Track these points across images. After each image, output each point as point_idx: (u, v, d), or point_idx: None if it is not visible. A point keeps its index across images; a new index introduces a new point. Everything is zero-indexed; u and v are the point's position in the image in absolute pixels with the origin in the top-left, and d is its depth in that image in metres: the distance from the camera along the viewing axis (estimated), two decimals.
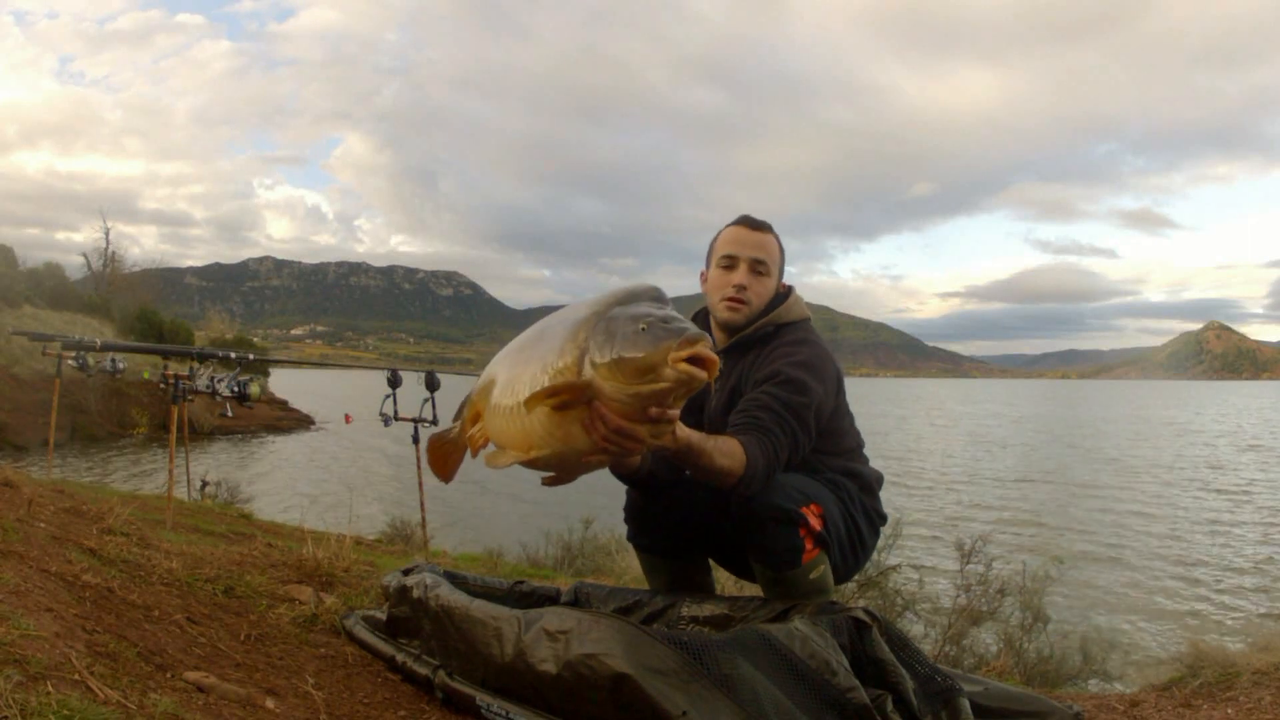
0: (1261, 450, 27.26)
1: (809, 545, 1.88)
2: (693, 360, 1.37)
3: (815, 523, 1.88)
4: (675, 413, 1.48)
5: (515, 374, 1.60)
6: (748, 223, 2.10)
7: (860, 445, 2.16)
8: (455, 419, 1.93)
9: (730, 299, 2.06)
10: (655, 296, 1.54)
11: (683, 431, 1.60)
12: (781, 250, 2.15)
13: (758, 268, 2.06)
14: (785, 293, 2.15)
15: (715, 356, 1.39)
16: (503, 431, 1.63)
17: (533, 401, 1.50)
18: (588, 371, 1.44)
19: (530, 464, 1.59)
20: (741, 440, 1.81)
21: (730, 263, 2.08)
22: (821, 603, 1.80)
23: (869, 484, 2.11)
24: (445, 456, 1.93)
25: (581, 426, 1.47)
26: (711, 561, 2.27)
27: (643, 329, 1.41)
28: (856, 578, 3.83)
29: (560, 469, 1.61)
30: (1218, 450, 27.17)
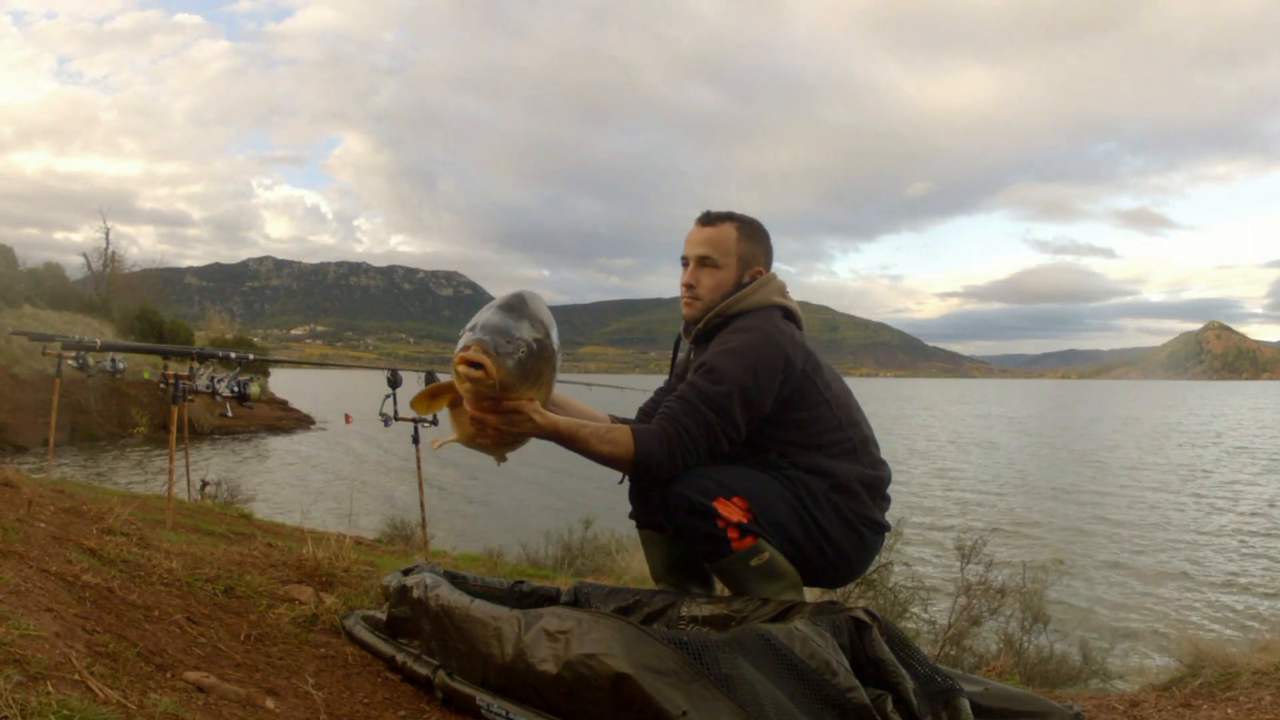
0: (1260, 451, 27.26)
1: (734, 535, 1.89)
2: (468, 362, 1.65)
3: (736, 514, 1.88)
4: (515, 404, 1.74)
5: None
6: (699, 219, 2.18)
7: (847, 441, 2.05)
8: None
9: (683, 298, 2.17)
10: (504, 305, 1.77)
11: (547, 419, 1.81)
12: (745, 237, 2.14)
13: (704, 263, 2.13)
14: (748, 280, 2.13)
15: (480, 358, 1.64)
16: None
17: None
18: None
19: (464, 444, 1.92)
20: (637, 428, 1.91)
21: (684, 262, 2.18)
22: (822, 603, 1.80)
23: (845, 484, 2.00)
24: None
25: (467, 416, 1.79)
26: None
27: (460, 335, 1.71)
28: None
29: (483, 450, 1.92)
30: (1216, 451, 27.17)
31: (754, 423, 1.99)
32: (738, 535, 1.89)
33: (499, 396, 1.72)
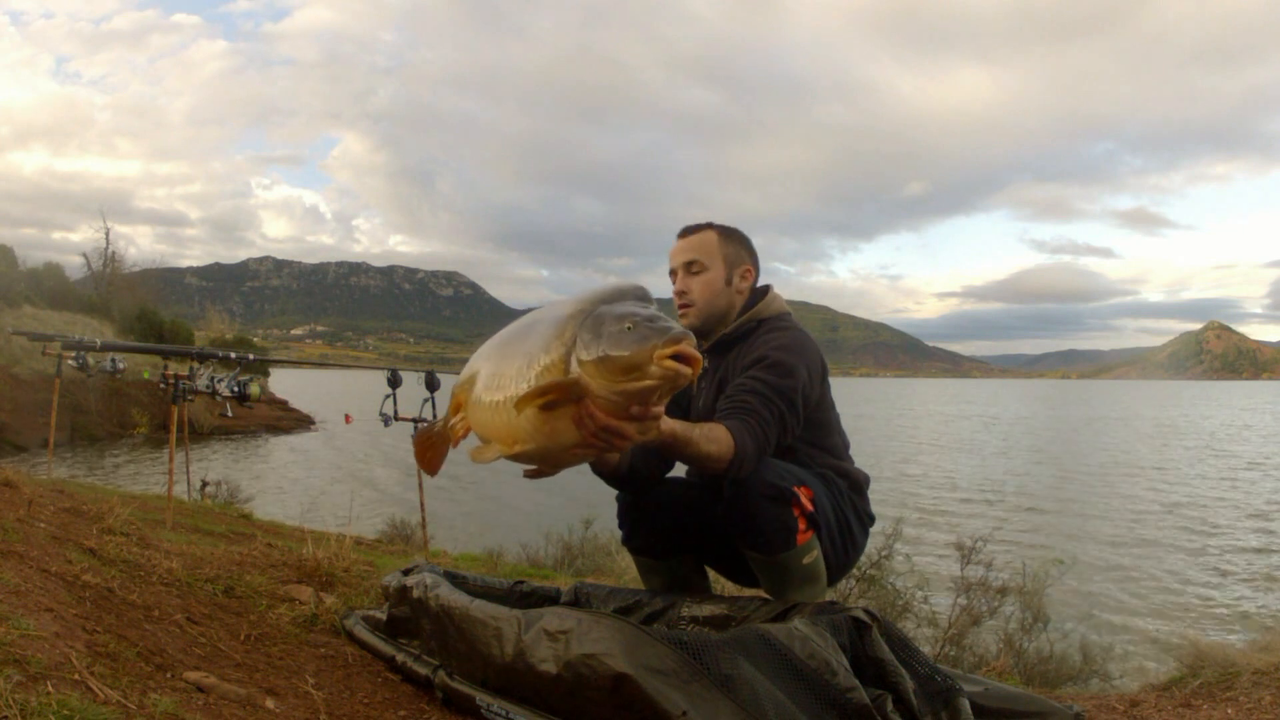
0: (1258, 452, 27.26)
1: (802, 525, 1.90)
2: (678, 358, 1.38)
3: (807, 504, 1.91)
4: (659, 409, 1.49)
5: (500, 369, 1.60)
6: (679, 233, 2.21)
7: (847, 445, 2.20)
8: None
9: (678, 306, 2.17)
10: (640, 295, 1.54)
11: (667, 424, 1.63)
12: (725, 240, 2.17)
13: (691, 268, 2.16)
14: (763, 291, 2.20)
15: (699, 355, 1.40)
16: (487, 425, 1.63)
17: (524, 402, 1.49)
18: (574, 369, 1.45)
19: (514, 458, 1.59)
20: (728, 425, 1.85)
21: (673, 276, 2.20)
22: (822, 603, 1.80)
23: (859, 484, 2.15)
24: (430, 449, 1.92)
25: (568, 422, 1.48)
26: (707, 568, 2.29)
27: (629, 328, 1.41)
28: (854, 573, 3.83)
29: (544, 462, 1.61)
30: (1214, 451, 27.17)
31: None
32: (804, 525, 1.91)
33: (656, 401, 1.45)
